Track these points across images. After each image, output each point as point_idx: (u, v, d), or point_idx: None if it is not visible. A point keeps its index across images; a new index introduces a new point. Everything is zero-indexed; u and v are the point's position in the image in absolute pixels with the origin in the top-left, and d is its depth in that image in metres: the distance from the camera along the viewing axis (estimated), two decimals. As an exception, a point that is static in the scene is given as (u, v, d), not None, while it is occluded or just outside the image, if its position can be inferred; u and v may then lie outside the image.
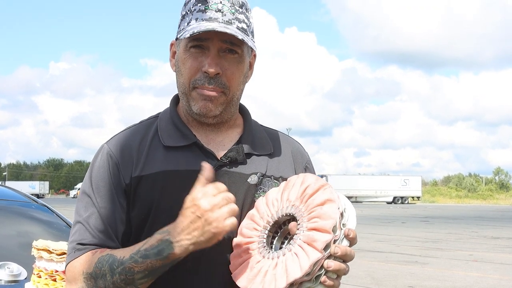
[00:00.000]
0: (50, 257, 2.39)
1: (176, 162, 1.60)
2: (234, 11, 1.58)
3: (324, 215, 1.43)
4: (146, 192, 1.58)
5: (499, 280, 10.98)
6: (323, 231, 1.42)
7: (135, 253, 1.45)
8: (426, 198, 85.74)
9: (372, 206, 61.88)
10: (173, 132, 1.64)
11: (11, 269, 2.62)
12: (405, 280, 10.81)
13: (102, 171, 1.61)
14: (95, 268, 1.49)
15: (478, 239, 20.02)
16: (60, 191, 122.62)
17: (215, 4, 1.57)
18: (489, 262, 13.75)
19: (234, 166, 1.62)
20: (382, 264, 13.10)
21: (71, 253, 1.56)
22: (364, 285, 10.05)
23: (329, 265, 1.42)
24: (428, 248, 16.71)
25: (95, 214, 1.57)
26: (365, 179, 74.70)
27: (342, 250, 1.43)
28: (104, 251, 1.52)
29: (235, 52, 1.59)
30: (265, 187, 1.64)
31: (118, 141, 1.64)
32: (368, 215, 38.50)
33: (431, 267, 12.66)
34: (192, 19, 1.57)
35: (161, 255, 1.43)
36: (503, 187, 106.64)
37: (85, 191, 1.62)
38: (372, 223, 28.81)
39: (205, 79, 1.57)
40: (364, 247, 16.67)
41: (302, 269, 1.40)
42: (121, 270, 1.45)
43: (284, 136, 1.80)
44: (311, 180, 1.52)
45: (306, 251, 1.41)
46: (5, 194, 3.40)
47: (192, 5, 1.59)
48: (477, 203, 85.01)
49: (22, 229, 3.16)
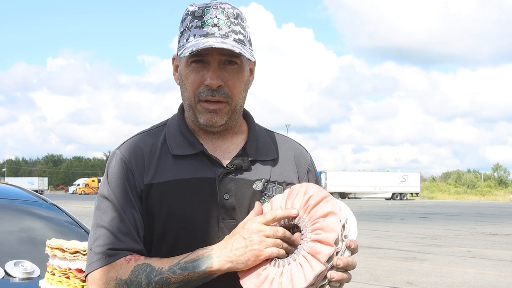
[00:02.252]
0: (64, 256, 2.49)
1: (184, 170, 1.67)
2: (229, 23, 1.65)
3: (327, 227, 1.51)
4: (156, 199, 1.65)
5: (497, 277, 11.06)
6: (326, 244, 1.49)
7: (174, 264, 1.54)
8: (425, 194, 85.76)
9: (371, 202, 61.95)
10: (181, 140, 1.72)
11: (25, 267, 2.72)
12: (403, 276, 10.90)
13: (118, 177, 1.67)
14: (130, 276, 1.56)
15: (477, 236, 20.10)
16: (59, 187, 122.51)
17: (211, 19, 1.64)
18: (487, 258, 13.83)
19: (240, 173, 1.70)
20: (380, 260, 13.18)
21: (100, 258, 1.61)
22: (363, 281, 10.14)
23: (332, 276, 1.50)
24: (427, 245, 16.79)
25: (117, 218, 1.63)
26: (364, 176, 74.68)
27: (344, 262, 1.51)
28: (138, 259, 1.59)
29: (235, 63, 1.66)
30: (270, 192, 1.71)
31: (129, 147, 1.72)
32: (367, 211, 38.59)
33: (429, 264, 12.74)
34: (190, 36, 1.65)
35: (199, 268, 1.53)
36: (501, 184, 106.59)
37: (104, 195, 1.67)
38: (371, 219, 28.89)
39: (208, 91, 1.64)
40: (363, 243, 16.75)
41: (306, 280, 1.48)
42: (158, 280, 1.54)
43: (286, 139, 1.87)
44: (314, 191, 1.59)
45: (310, 263, 1.49)
46: (15, 193, 3.49)
47: (189, 22, 1.66)
48: (476, 199, 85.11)
49: (33, 228, 3.25)
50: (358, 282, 9.92)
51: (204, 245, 1.59)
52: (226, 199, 1.67)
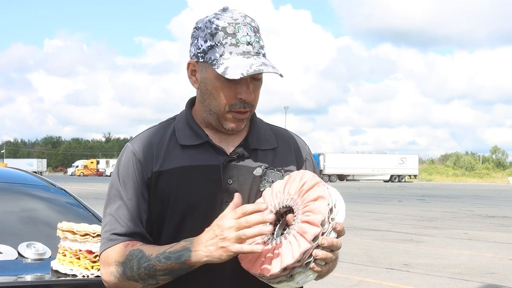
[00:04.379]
0: (74, 238, 2.61)
1: (191, 158, 1.83)
2: (258, 40, 1.79)
3: (315, 210, 1.66)
4: (165, 185, 1.81)
5: (492, 258, 11.23)
6: (313, 224, 1.64)
7: (160, 253, 1.70)
8: (423, 177, 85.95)
9: (369, 184, 62.16)
10: (188, 132, 1.87)
11: (36, 248, 2.85)
12: (400, 258, 11.06)
13: (127, 168, 1.84)
14: (125, 259, 1.73)
15: (473, 218, 20.28)
16: (58, 168, 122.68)
17: (244, 37, 1.76)
18: (483, 240, 14.00)
19: (242, 161, 1.85)
20: (378, 242, 13.35)
21: (105, 242, 1.81)
22: (360, 263, 10.29)
23: (317, 254, 1.64)
24: (424, 227, 16.97)
25: (123, 206, 1.81)
26: (362, 158, 74.85)
27: (328, 242, 1.64)
28: (135, 245, 1.76)
29: (259, 79, 1.83)
30: (269, 177, 1.86)
31: (140, 140, 1.88)
32: (365, 193, 38.77)
33: (426, 245, 12.91)
34: (225, 52, 1.75)
35: (180, 260, 1.67)
36: (500, 166, 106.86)
37: (114, 185, 1.85)
38: (369, 201, 29.09)
39: (241, 104, 1.79)
40: (361, 225, 16.93)
41: (293, 257, 1.63)
42: (146, 266, 1.70)
43: (286, 131, 2.03)
44: (309, 177, 1.75)
45: (298, 241, 1.64)
46: (24, 178, 3.61)
47: (223, 38, 1.76)
48: (474, 181, 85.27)
49: (43, 212, 3.37)
50: (355, 264, 10.08)
51: (209, 225, 1.72)
52: (230, 183, 1.82)
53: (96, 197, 26.96)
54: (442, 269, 9.98)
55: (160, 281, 1.72)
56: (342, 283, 8.44)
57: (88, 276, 2.58)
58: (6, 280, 2.55)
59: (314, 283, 7.14)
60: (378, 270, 9.81)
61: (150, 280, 1.72)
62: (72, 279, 2.58)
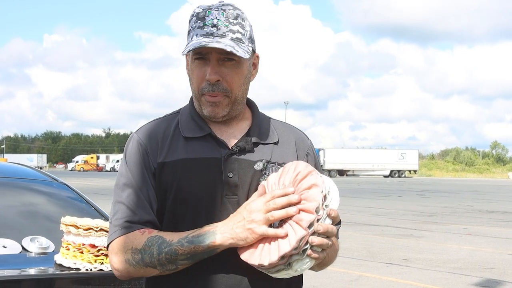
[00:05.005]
0: (78, 232, 2.65)
1: (193, 150, 1.86)
2: (228, 24, 1.82)
3: (309, 197, 1.70)
4: (168, 176, 1.84)
5: (492, 254, 11.27)
6: (308, 212, 1.68)
7: (183, 238, 1.73)
8: (423, 172, 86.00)
9: (369, 179, 62.20)
10: (192, 125, 1.90)
11: (40, 242, 2.88)
12: (400, 253, 11.10)
13: (134, 157, 1.87)
14: (144, 246, 1.76)
15: (473, 213, 20.32)
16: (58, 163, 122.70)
17: (211, 20, 1.81)
18: (482, 235, 14.04)
19: (243, 154, 1.88)
20: (378, 237, 13.39)
21: (118, 230, 1.82)
22: (360, 258, 10.33)
23: (313, 240, 1.67)
24: (424, 222, 17.00)
25: (133, 193, 1.83)
26: (362, 153, 74.87)
27: (323, 228, 1.69)
28: (152, 232, 1.78)
29: (232, 60, 1.83)
30: (269, 172, 1.88)
31: (145, 131, 1.91)
32: (364, 188, 38.81)
33: (425, 241, 12.95)
34: (193, 35, 1.82)
35: (204, 243, 1.71)
36: (499, 161, 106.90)
37: (122, 174, 1.88)
38: (368, 196, 29.13)
39: (209, 86, 1.82)
40: (361, 220, 16.97)
41: (290, 244, 1.66)
42: (168, 251, 1.73)
43: (288, 126, 2.05)
44: (302, 167, 1.78)
45: (294, 229, 1.68)
46: (26, 173, 3.64)
47: (194, 22, 1.83)
48: (474, 177, 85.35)
49: (46, 206, 3.40)
50: (355, 259, 10.12)
51: (209, 218, 1.79)
52: (230, 177, 1.85)
53: (97, 193, 27.02)
54: (442, 264, 10.02)
55: (180, 265, 1.75)
56: (342, 277, 8.47)
57: (91, 269, 2.62)
58: (10, 273, 2.59)
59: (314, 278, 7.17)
60: (377, 265, 9.85)
61: (170, 265, 1.75)
62: (76, 272, 2.62)
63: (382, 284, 8.37)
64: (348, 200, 25.51)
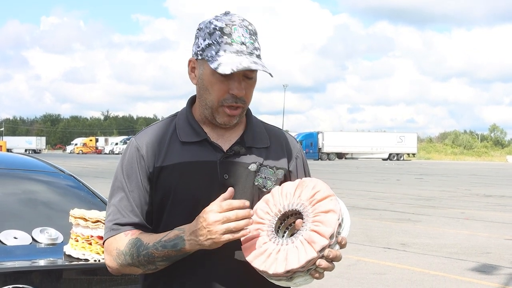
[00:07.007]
0: (86, 224, 2.75)
1: (190, 154, 1.97)
2: (252, 41, 1.93)
3: (326, 222, 1.77)
4: (166, 179, 1.96)
5: (488, 238, 11.38)
6: (322, 236, 1.75)
7: (157, 242, 1.85)
8: (422, 155, 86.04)
9: (368, 162, 62.31)
10: (188, 130, 2.01)
11: (49, 233, 2.98)
12: (397, 237, 11.23)
13: (131, 162, 1.99)
14: (125, 248, 1.90)
15: (471, 197, 20.45)
16: (57, 146, 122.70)
17: (238, 37, 1.90)
18: (480, 220, 14.17)
19: (237, 157, 2.00)
20: (376, 221, 13.52)
21: (108, 231, 1.97)
22: (358, 242, 10.48)
23: (320, 263, 1.77)
24: (421, 206, 17.14)
25: (125, 197, 1.97)
26: (361, 136, 74.87)
27: (333, 254, 1.78)
28: (134, 234, 1.91)
29: (252, 77, 1.96)
30: (262, 174, 2.01)
31: (144, 137, 2.02)
32: (363, 172, 38.94)
33: (423, 225, 13.08)
34: (220, 50, 1.90)
35: (175, 248, 1.83)
36: (498, 144, 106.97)
37: (118, 178, 2.01)
38: (367, 180, 29.25)
39: (232, 99, 1.93)
40: (359, 204, 17.10)
41: (299, 262, 1.75)
42: (145, 254, 1.86)
43: (279, 130, 2.17)
44: (322, 187, 1.85)
45: (306, 248, 1.76)
46: (34, 164, 3.73)
47: (219, 37, 1.90)
48: (472, 160, 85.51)
49: (54, 198, 3.50)
50: (353, 243, 10.24)
51: None
52: (226, 178, 1.97)
53: (96, 176, 27.13)
54: (439, 248, 10.15)
55: (159, 266, 1.89)
56: (340, 262, 8.56)
57: (99, 260, 2.72)
58: (21, 264, 2.69)
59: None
60: (375, 249, 9.99)
61: (150, 265, 1.88)
62: (85, 263, 2.72)
63: (379, 268, 8.51)
64: (347, 183, 25.64)
